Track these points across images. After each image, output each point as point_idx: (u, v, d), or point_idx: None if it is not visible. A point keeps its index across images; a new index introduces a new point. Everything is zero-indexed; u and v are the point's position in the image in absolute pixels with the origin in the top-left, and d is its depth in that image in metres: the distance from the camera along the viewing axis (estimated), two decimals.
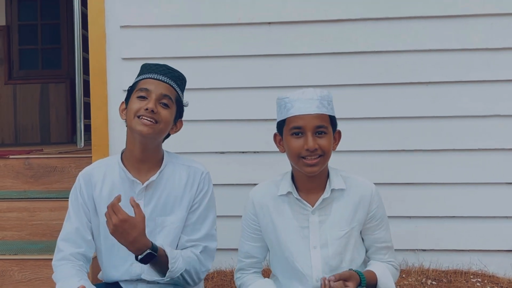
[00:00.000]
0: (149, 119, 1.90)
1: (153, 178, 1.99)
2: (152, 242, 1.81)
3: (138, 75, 2.03)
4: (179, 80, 2.02)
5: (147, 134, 1.91)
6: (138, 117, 1.91)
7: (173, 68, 2.03)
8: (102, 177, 2.02)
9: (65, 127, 6.50)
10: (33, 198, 3.17)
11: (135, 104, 1.93)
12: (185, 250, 1.99)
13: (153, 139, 1.95)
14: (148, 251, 1.78)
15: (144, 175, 2.00)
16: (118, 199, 1.76)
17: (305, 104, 1.83)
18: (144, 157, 1.98)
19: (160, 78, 1.96)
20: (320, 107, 1.84)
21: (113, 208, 1.74)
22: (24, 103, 6.53)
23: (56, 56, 6.61)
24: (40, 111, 6.51)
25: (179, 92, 2.02)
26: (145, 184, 1.98)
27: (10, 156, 3.45)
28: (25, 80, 6.56)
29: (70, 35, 6.59)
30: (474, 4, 2.96)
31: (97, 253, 2.08)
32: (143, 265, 1.85)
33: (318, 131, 1.83)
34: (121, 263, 1.99)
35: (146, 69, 2.02)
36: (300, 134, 1.84)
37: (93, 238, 2.02)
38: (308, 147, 1.81)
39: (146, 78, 1.97)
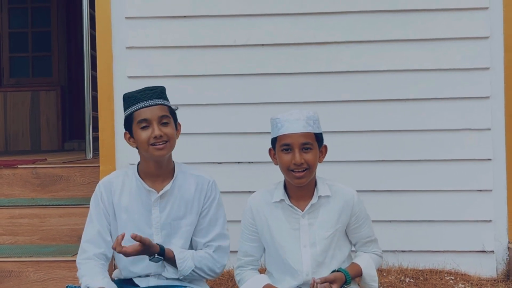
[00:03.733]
0: (161, 143, 2.24)
1: (167, 188, 2.33)
2: (160, 247, 2.20)
3: (128, 107, 2.31)
4: (162, 93, 2.32)
5: (165, 155, 2.28)
6: (152, 144, 2.24)
7: (153, 87, 2.31)
8: (121, 186, 2.37)
9: (56, 134, 6.74)
10: (43, 205, 3.53)
11: (142, 135, 2.25)
12: (199, 251, 2.34)
13: (168, 155, 2.31)
14: (156, 256, 2.20)
15: (159, 185, 2.34)
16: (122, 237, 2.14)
17: (292, 124, 2.22)
18: (159, 172, 2.34)
19: (150, 103, 2.25)
20: (306, 126, 2.22)
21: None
22: (14, 111, 6.75)
23: (46, 63, 6.85)
24: (31, 118, 6.75)
25: (167, 103, 2.32)
26: (160, 193, 2.33)
27: (19, 166, 3.83)
28: (16, 87, 6.77)
29: (61, 43, 6.83)
30: (447, 29, 3.35)
31: (115, 253, 2.37)
32: (168, 271, 2.29)
33: (305, 147, 2.21)
34: (136, 261, 2.32)
35: (133, 99, 2.29)
36: (289, 150, 2.22)
37: (111, 239, 2.36)
38: (295, 161, 2.19)
39: (139, 109, 2.26)
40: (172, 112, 2.34)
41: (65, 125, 6.88)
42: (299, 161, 2.19)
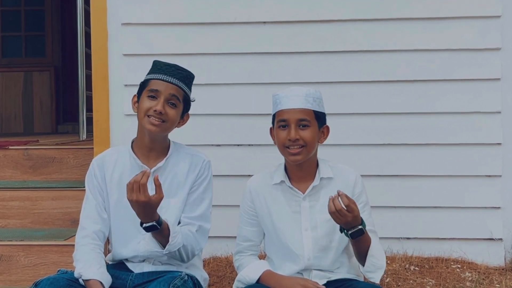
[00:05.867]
0: (157, 119, 2.26)
1: (160, 164, 2.34)
2: (159, 216, 2.15)
3: (150, 72, 2.34)
4: (187, 79, 2.35)
5: (155, 132, 2.28)
6: (148, 116, 2.26)
7: (182, 68, 2.35)
8: (114, 163, 2.39)
9: (49, 116, 6.74)
10: (35, 188, 3.50)
11: (146, 103, 2.27)
12: (183, 228, 2.30)
13: (160, 134, 2.32)
14: (154, 223, 2.12)
15: (153, 161, 2.36)
16: (147, 175, 2.06)
17: (290, 100, 2.21)
18: (153, 146, 2.35)
19: (169, 80, 2.28)
20: (304, 103, 2.21)
21: (141, 187, 2.05)
22: (7, 92, 6.73)
23: (40, 43, 6.81)
24: (23, 100, 6.73)
25: (187, 91, 2.34)
26: (153, 169, 2.33)
27: (10, 147, 3.79)
28: (8, 68, 6.73)
29: (55, 22, 6.80)
30: (457, 8, 3.31)
31: (109, 234, 2.41)
32: (148, 243, 2.24)
33: (302, 124, 2.20)
34: (129, 241, 2.33)
35: (157, 68, 2.33)
36: (286, 126, 2.21)
37: (107, 216, 2.37)
38: (290, 137, 2.18)
39: (157, 79, 2.29)
40: (186, 101, 2.36)
41: (59, 107, 6.87)
42: (293, 136, 2.18)
